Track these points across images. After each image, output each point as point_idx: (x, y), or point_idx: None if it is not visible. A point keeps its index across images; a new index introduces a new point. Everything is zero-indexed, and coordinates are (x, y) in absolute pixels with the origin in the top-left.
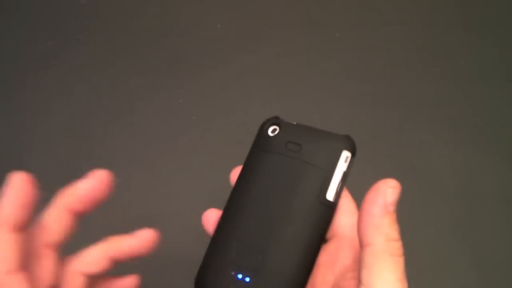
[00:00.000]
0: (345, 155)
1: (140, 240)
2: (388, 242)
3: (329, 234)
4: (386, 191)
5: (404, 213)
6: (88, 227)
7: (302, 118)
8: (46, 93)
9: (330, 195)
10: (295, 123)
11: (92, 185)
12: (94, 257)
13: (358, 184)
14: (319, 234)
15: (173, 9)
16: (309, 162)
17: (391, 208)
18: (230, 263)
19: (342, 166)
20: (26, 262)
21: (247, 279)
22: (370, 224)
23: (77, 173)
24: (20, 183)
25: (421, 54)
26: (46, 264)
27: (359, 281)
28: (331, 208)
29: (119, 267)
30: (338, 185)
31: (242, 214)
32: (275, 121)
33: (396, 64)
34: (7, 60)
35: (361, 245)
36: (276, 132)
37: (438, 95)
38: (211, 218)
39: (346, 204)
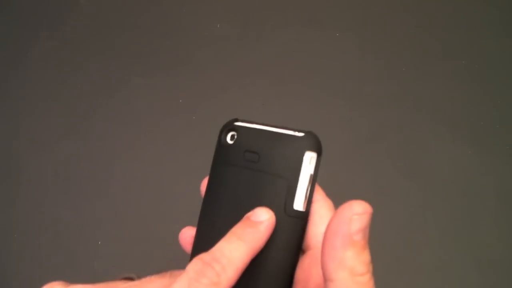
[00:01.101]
0: (309, 156)
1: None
2: (352, 277)
3: (304, 245)
4: (350, 219)
5: (404, 213)
6: (88, 227)
7: (302, 118)
8: (46, 92)
9: (298, 205)
10: (252, 126)
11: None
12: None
13: (357, 186)
14: (293, 250)
15: (173, 9)
16: (269, 172)
17: (358, 236)
18: None
19: (307, 169)
20: None
21: None
22: (331, 257)
23: (77, 173)
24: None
25: (421, 54)
26: None
27: None
28: (302, 218)
29: (127, 267)
30: (306, 191)
31: (210, 234)
32: (231, 126)
33: (396, 64)
34: (7, 60)
35: (325, 279)
36: (234, 140)
37: (438, 95)
38: (187, 237)
39: (320, 210)
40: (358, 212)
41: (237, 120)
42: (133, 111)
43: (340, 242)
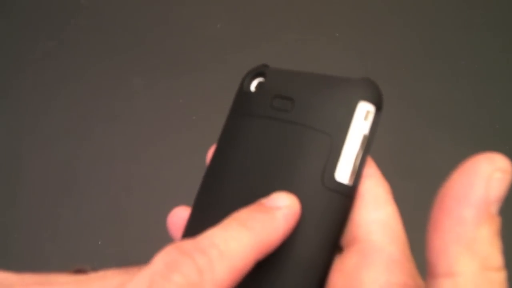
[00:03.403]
0: (364, 108)
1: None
2: (484, 271)
3: (345, 238)
4: (490, 177)
5: (404, 213)
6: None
7: None
8: (46, 93)
9: (342, 175)
10: (286, 69)
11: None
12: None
13: None
14: (328, 241)
15: (173, 9)
16: (305, 124)
17: (495, 207)
18: None
19: (360, 127)
20: None
21: None
22: (454, 238)
23: (77, 173)
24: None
25: (421, 54)
26: None
27: None
28: (345, 195)
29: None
30: (356, 158)
31: (211, 216)
32: (260, 70)
33: (396, 64)
34: (7, 60)
35: (433, 273)
36: (261, 87)
37: (438, 95)
38: (178, 220)
39: (373, 189)
40: (502, 168)
41: (266, 66)
42: (133, 111)
43: (471, 213)
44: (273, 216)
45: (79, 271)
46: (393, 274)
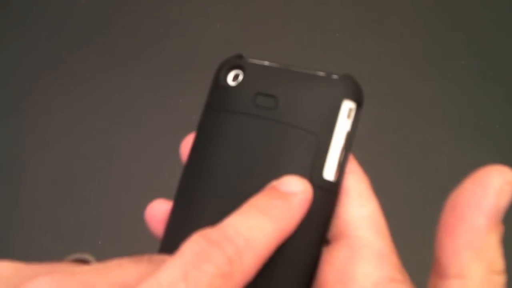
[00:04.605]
0: (347, 107)
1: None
2: (490, 275)
3: (332, 232)
4: (501, 189)
5: (404, 213)
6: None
7: None
8: (46, 93)
9: (328, 173)
10: (266, 63)
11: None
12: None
13: None
14: (318, 235)
15: (173, 9)
16: (290, 123)
17: (500, 216)
18: None
19: (344, 124)
20: None
21: None
22: (467, 243)
23: (77, 173)
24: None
25: (421, 54)
26: None
27: None
28: (331, 192)
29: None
30: (340, 156)
31: (197, 208)
32: (236, 62)
33: (395, 64)
34: (8, 60)
35: (444, 273)
36: (239, 80)
37: (438, 95)
38: (157, 213)
39: (356, 185)
40: (510, 181)
41: (241, 57)
42: (133, 111)
43: (483, 221)
44: (291, 203)
45: (80, 261)
46: (383, 269)
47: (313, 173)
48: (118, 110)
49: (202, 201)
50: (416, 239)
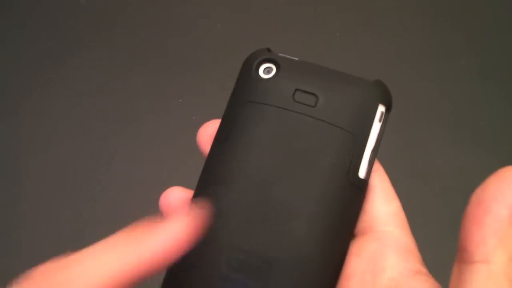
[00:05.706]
0: (380, 110)
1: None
2: (510, 261)
3: (359, 226)
4: None
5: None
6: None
7: None
8: (46, 93)
9: (361, 171)
10: (297, 59)
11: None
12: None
13: None
14: (350, 228)
15: (173, 9)
16: (330, 122)
17: None
18: (218, 279)
19: (376, 127)
20: None
21: None
22: (490, 231)
23: (77, 173)
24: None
25: (421, 54)
26: None
27: None
28: (362, 189)
29: None
30: (371, 155)
31: (231, 204)
32: (269, 56)
33: (396, 64)
34: (7, 60)
35: (470, 259)
36: (273, 74)
37: (438, 95)
38: (174, 202)
39: (381, 183)
40: None
41: (270, 50)
42: (133, 111)
43: (507, 213)
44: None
45: None
46: (410, 262)
47: (349, 171)
48: (118, 110)
49: (232, 206)
50: (416, 239)
